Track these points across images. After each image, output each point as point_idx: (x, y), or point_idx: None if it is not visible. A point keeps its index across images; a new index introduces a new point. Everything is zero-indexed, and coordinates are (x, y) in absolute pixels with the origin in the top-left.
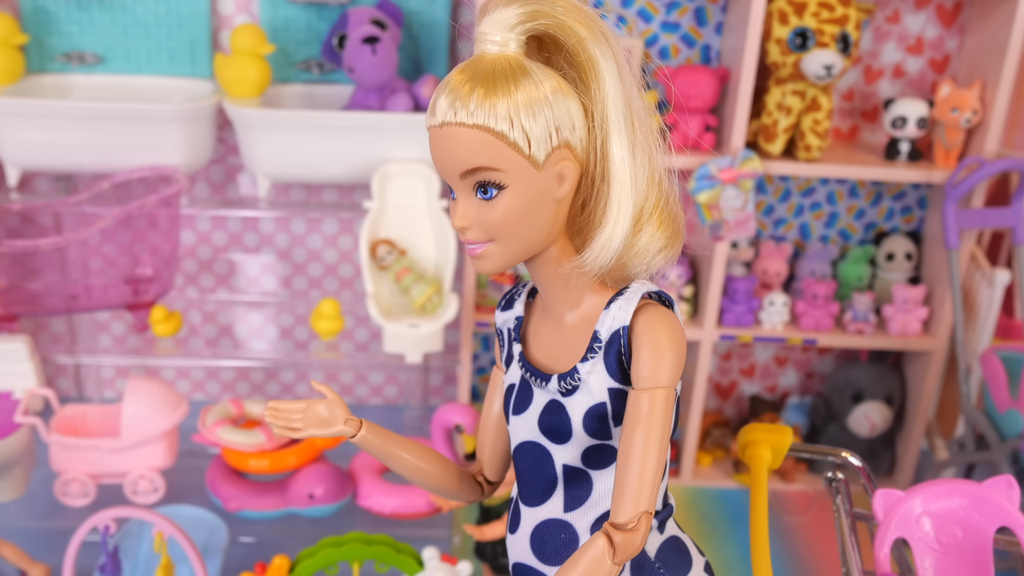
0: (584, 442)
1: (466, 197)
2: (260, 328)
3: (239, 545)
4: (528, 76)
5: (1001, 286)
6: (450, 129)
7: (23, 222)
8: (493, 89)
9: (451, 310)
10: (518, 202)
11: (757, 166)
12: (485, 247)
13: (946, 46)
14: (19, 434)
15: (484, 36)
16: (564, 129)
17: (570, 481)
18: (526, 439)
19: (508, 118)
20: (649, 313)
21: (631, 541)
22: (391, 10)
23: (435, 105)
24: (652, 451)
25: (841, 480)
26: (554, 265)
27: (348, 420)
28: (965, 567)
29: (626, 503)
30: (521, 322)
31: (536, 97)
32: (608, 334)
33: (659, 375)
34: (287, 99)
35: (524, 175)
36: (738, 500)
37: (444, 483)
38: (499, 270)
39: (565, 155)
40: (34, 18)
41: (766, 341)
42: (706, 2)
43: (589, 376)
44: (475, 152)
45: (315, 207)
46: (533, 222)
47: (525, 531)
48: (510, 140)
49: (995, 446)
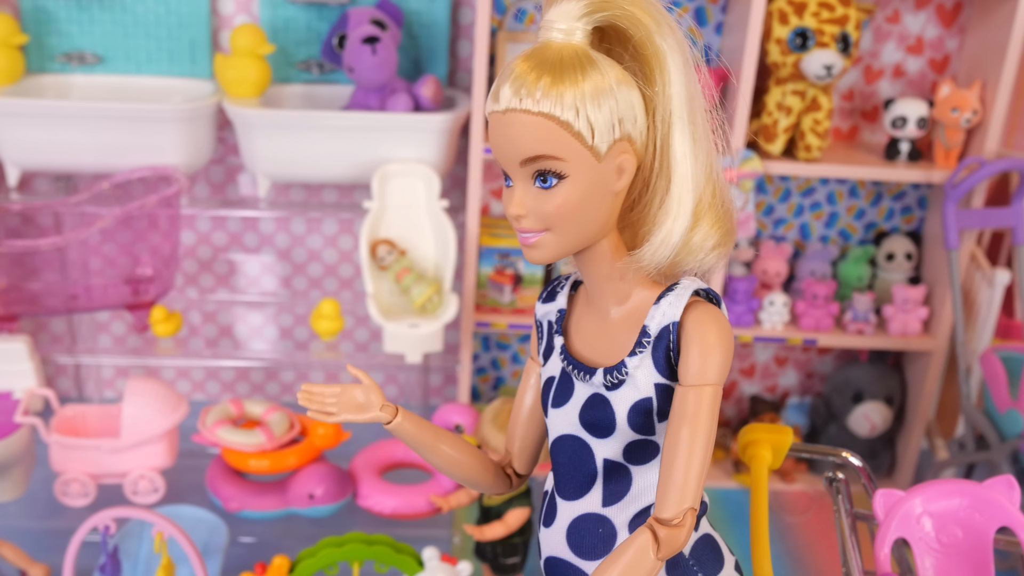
0: (627, 436)
1: (524, 185)
2: (260, 328)
3: (239, 545)
4: (595, 66)
5: (1001, 286)
6: (514, 116)
7: (23, 222)
8: (560, 77)
9: (451, 310)
10: (577, 192)
11: (757, 166)
12: (540, 236)
13: (946, 46)
14: (19, 434)
15: (551, 24)
16: (627, 121)
17: (610, 475)
18: (566, 432)
19: (574, 107)
20: (699, 310)
21: (676, 537)
22: (391, 10)
23: (498, 91)
24: (698, 448)
25: (841, 480)
26: (605, 258)
27: (384, 406)
28: (965, 567)
29: (671, 499)
30: (564, 314)
31: (602, 87)
32: (658, 329)
33: (707, 372)
34: (287, 99)
35: (585, 165)
36: (738, 500)
37: (477, 474)
38: (552, 260)
39: (625, 148)
40: (34, 18)
41: (766, 341)
42: (706, 2)
43: (637, 371)
44: (539, 140)
45: (315, 207)
46: (590, 214)
47: (561, 525)
48: (575, 130)
49: (995, 446)
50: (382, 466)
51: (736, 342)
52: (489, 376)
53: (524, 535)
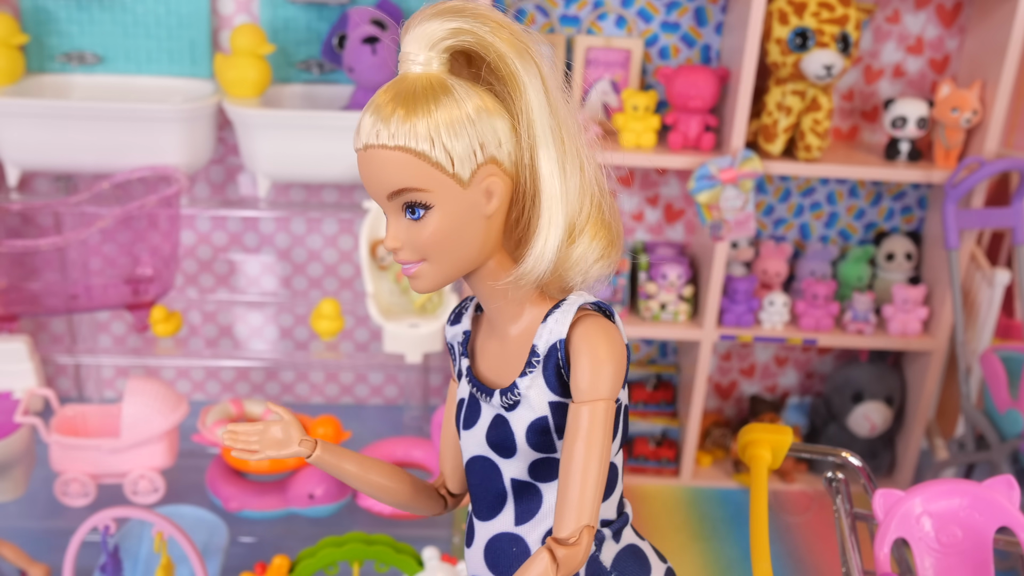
0: (529, 456)
1: (396, 218)
2: (260, 328)
3: (239, 545)
4: (449, 95)
5: (1001, 286)
6: (374, 152)
7: (23, 222)
8: (413, 109)
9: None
10: (446, 221)
11: (757, 166)
12: (418, 267)
13: (946, 46)
14: (19, 434)
15: (407, 56)
16: (489, 145)
17: (519, 494)
18: (476, 453)
19: (429, 138)
20: (587, 325)
21: (573, 555)
22: (391, 10)
23: (359, 127)
24: (593, 464)
25: (841, 480)
26: (492, 279)
27: (303, 440)
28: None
29: (568, 517)
30: (468, 336)
31: (457, 116)
32: (546, 348)
33: (598, 387)
34: (287, 99)
35: (450, 193)
36: (738, 500)
37: (404, 498)
38: (434, 288)
39: (492, 171)
40: (34, 18)
41: (766, 341)
42: (706, 2)
43: (529, 391)
44: (399, 173)
45: (315, 207)
46: (463, 239)
47: (479, 545)
48: (432, 160)
49: (995, 446)
50: None
51: (736, 342)
52: None
53: None
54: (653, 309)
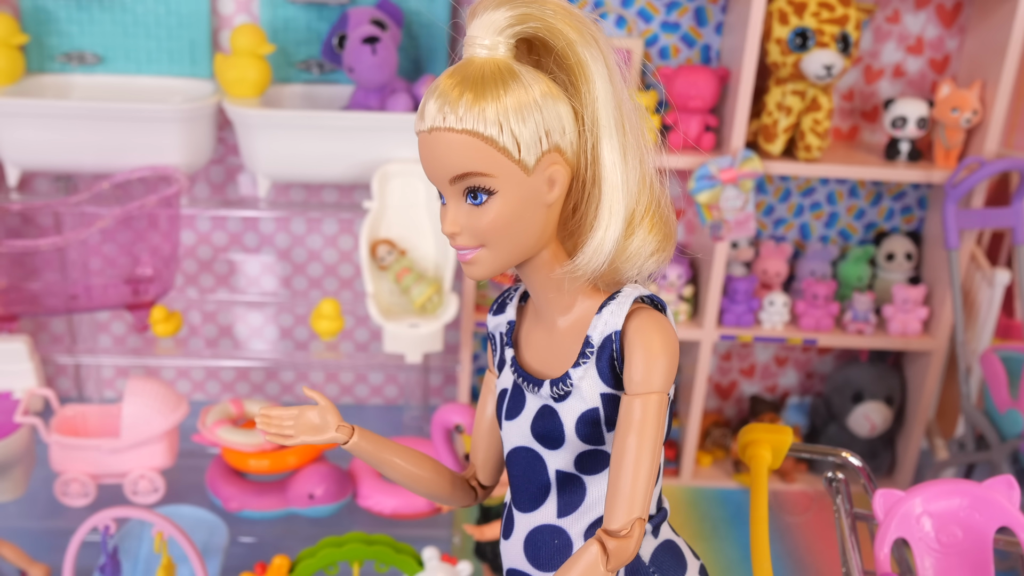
0: (577, 447)
1: (456, 202)
2: (260, 328)
3: (239, 545)
4: (517, 80)
5: (1001, 286)
6: (439, 134)
7: (23, 222)
8: (482, 93)
9: (451, 310)
10: (508, 207)
11: (757, 166)
12: (476, 252)
13: (946, 46)
14: (19, 434)
15: (473, 40)
16: (554, 133)
17: (563, 487)
18: (519, 444)
19: (497, 122)
20: (641, 318)
21: (624, 548)
22: (391, 10)
23: (424, 110)
24: (645, 457)
25: (841, 480)
26: (546, 270)
27: (340, 427)
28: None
29: (619, 509)
30: (513, 326)
31: (525, 101)
32: (600, 339)
33: (652, 380)
34: (287, 99)
35: (514, 180)
36: (738, 500)
37: (437, 488)
38: (490, 275)
39: (555, 159)
40: (34, 18)
41: (766, 341)
42: (706, 2)
43: (581, 382)
44: (464, 157)
45: (315, 207)
46: (523, 227)
47: (519, 537)
48: (499, 145)
49: (995, 446)
50: None
51: (736, 342)
52: None
53: None
54: None
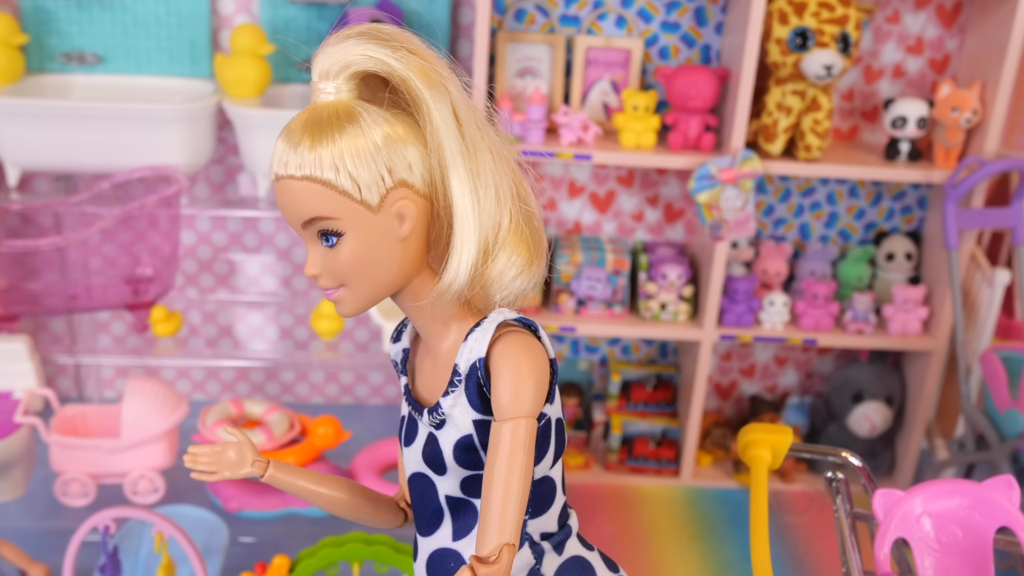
0: (460, 473)
1: (313, 245)
2: (260, 328)
3: (239, 545)
4: (355, 122)
5: (1001, 286)
6: (285, 182)
7: (23, 222)
8: (318, 139)
9: None
10: (360, 246)
11: (757, 166)
12: (338, 292)
13: (946, 46)
14: (19, 434)
15: (315, 85)
16: (398, 170)
17: (456, 510)
18: (415, 470)
19: (333, 166)
20: (507, 342)
21: (494, 574)
22: (391, 10)
23: (273, 157)
24: (515, 482)
25: (841, 480)
26: (416, 299)
27: (255, 461)
28: (965, 567)
29: (489, 535)
30: (407, 354)
31: (363, 144)
32: (466, 366)
33: (519, 405)
34: (287, 99)
35: (360, 220)
36: (738, 500)
37: (362, 512)
38: (357, 312)
39: (403, 194)
40: (34, 18)
41: (766, 341)
42: (706, 2)
43: (452, 409)
44: (309, 202)
45: None
46: (379, 263)
47: (422, 560)
48: (338, 188)
49: (995, 446)
50: (382, 466)
51: (736, 342)
52: None
53: None
54: (653, 309)
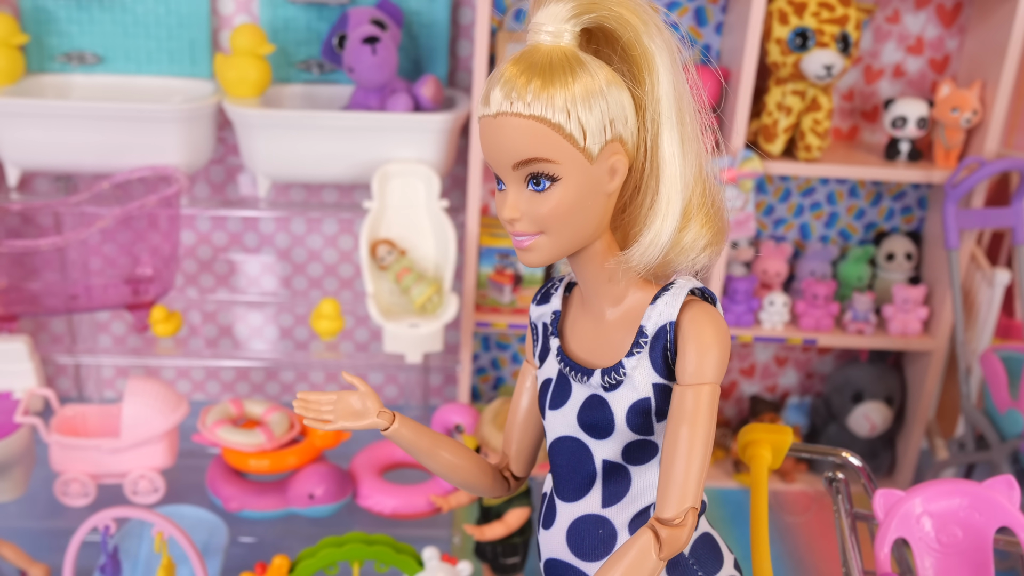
0: (626, 437)
1: (517, 188)
2: (260, 328)
3: (239, 545)
4: (584, 68)
5: (1001, 286)
6: (505, 119)
7: (23, 222)
8: (550, 80)
9: (451, 310)
10: (570, 195)
11: (757, 166)
12: (534, 239)
13: (946, 46)
14: (19, 434)
15: (539, 27)
16: (617, 123)
17: (609, 476)
18: (564, 434)
19: (565, 109)
20: (695, 309)
21: (677, 536)
22: (391, 10)
23: (489, 95)
24: (698, 447)
25: (841, 480)
26: (599, 260)
27: (381, 412)
28: (965, 567)
29: (672, 499)
30: (559, 316)
31: (592, 89)
32: (654, 329)
33: (704, 371)
34: (287, 99)
35: (578, 167)
36: (738, 500)
37: (475, 478)
38: (546, 262)
39: (617, 149)
40: (34, 18)
41: (766, 341)
42: (706, 2)
43: (634, 371)
44: (531, 143)
45: (315, 207)
46: (583, 215)
47: (561, 527)
48: (566, 132)
49: (995, 446)
50: (382, 466)
51: (736, 342)
52: (489, 376)
53: (524, 535)
54: None
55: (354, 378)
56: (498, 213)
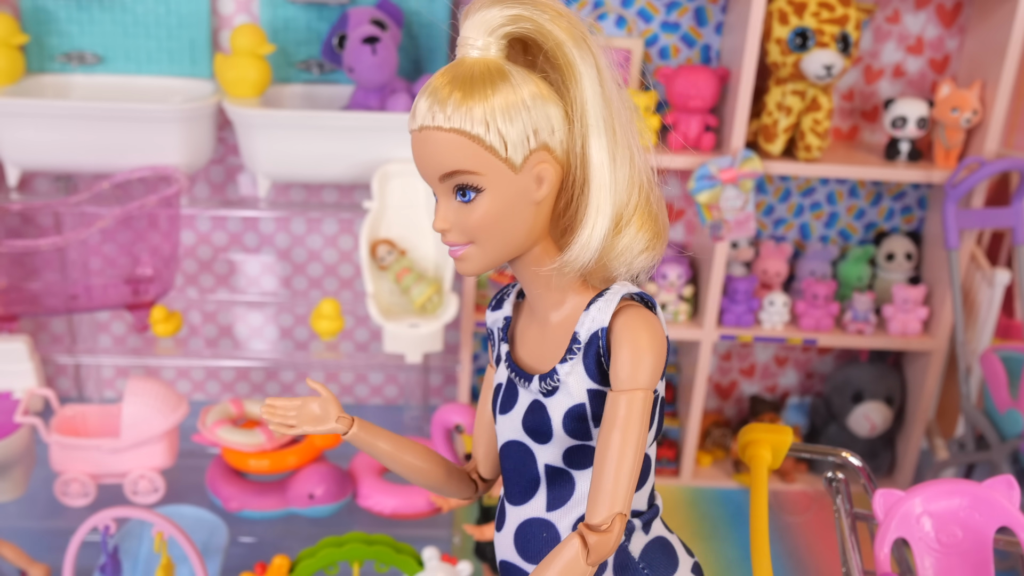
0: (565, 442)
1: (446, 200)
2: (260, 328)
3: (239, 545)
4: (506, 80)
5: (1001, 286)
6: (428, 133)
7: (23, 222)
8: (470, 93)
9: (451, 310)
10: (496, 204)
11: (757, 166)
12: (465, 249)
13: (946, 46)
14: (19, 434)
15: (465, 40)
16: (542, 132)
17: (552, 481)
18: (511, 438)
19: (484, 121)
20: (629, 315)
21: (605, 542)
22: (391, 10)
23: (415, 108)
24: (628, 453)
25: (841, 480)
26: (536, 266)
27: (340, 417)
28: (965, 567)
29: (601, 504)
30: (509, 322)
31: (513, 101)
32: (587, 335)
33: (637, 377)
34: (287, 99)
35: (502, 178)
36: (738, 500)
37: (437, 480)
38: (480, 271)
39: (544, 158)
40: (34, 18)
41: (766, 341)
42: (706, 2)
43: (568, 377)
44: (452, 155)
45: (315, 207)
46: (512, 224)
47: (510, 529)
48: (486, 143)
49: (995, 446)
50: (382, 466)
51: (736, 342)
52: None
53: None
54: None
55: (317, 384)
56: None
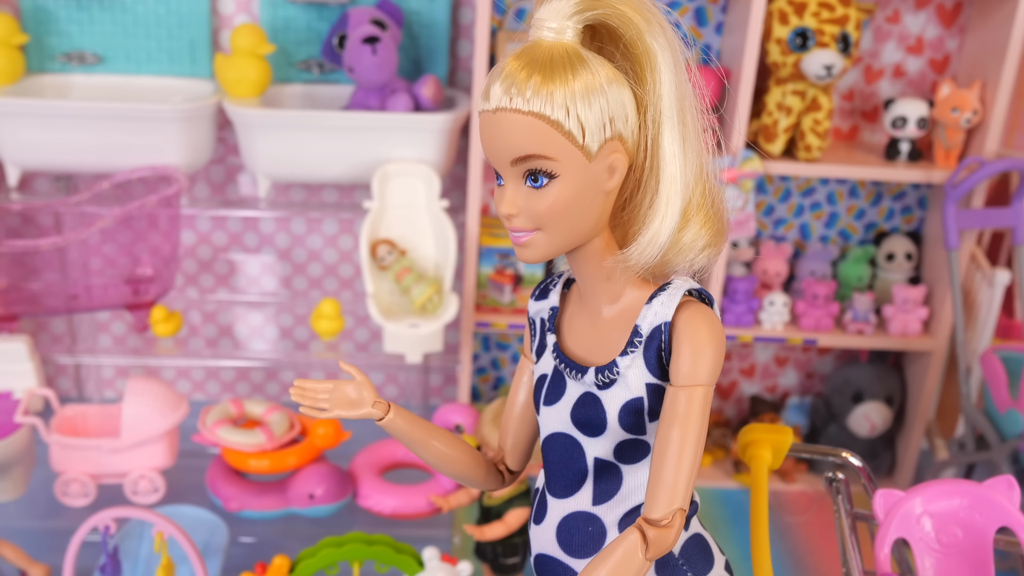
0: (618, 436)
1: (515, 184)
2: (260, 328)
3: (239, 545)
4: (585, 65)
5: (1001, 286)
6: (504, 115)
7: (23, 222)
8: (551, 76)
9: (451, 310)
10: (568, 192)
11: (757, 166)
12: (531, 235)
13: (946, 46)
14: (19, 434)
15: (541, 22)
16: (618, 120)
17: (600, 474)
18: (557, 430)
19: (564, 106)
20: (691, 310)
21: (664, 537)
22: (391, 10)
23: (489, 90)
24: (688, 448)
25: (841, 480)
26: (597, 257)
27: (376, 402)
28: (965, 567)
29: (661, 499)
30: (556, 312)
31: (593, 86)
32: (649, 329)
33: (698, 373)
34: (287, 99)
35: (576, 165)
36: (738, 500)
37: (468, 471)
38: (543, 259)
39: (616, 147)
40: (34, 18)
41: (766, 341)
42: (706, 2)
43: (628, 370)
44: (529, 139)
45: (315, 207)
46: (581, 213)
47: (551, 523)
48: (565, 129)
49: (995, 446)
50: (382, 466)
51: (736, 342)
52: (489, 376)
53: (524, 535)
54: None
55: (352, 368)
56: (496, 208)
